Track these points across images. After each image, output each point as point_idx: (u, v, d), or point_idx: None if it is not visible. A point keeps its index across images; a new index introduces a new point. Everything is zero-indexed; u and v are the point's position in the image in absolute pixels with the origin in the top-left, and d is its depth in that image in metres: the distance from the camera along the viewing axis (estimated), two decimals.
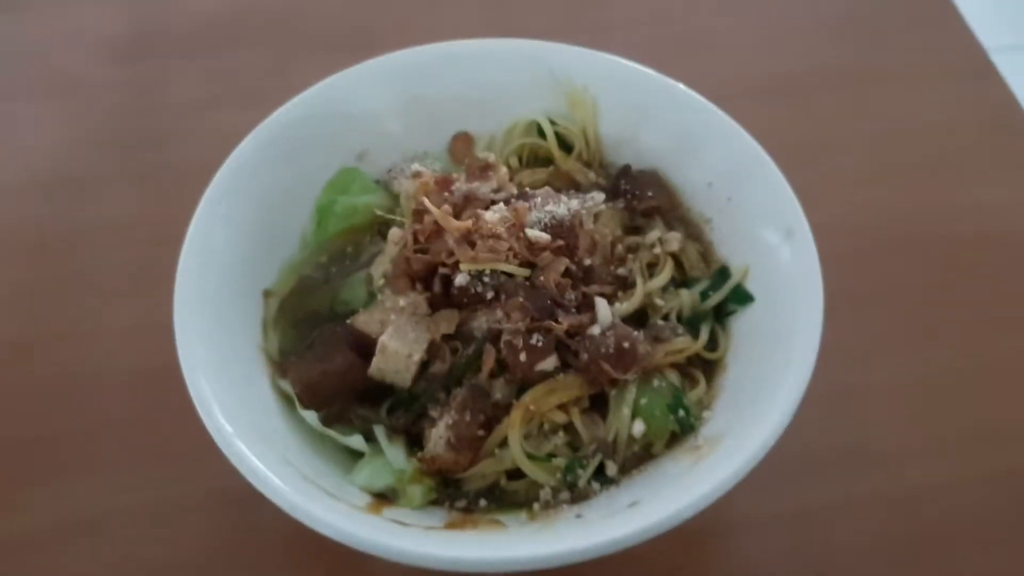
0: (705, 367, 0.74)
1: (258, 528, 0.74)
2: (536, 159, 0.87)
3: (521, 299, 0.69)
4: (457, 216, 0.73)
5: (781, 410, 0.63)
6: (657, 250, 0.78)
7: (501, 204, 0.74)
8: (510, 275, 0.70)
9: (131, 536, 0.74)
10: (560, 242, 0.72)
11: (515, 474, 0.68)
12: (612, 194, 0.82)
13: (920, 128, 1.06)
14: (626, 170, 0.83)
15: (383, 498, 0.65)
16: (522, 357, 0.68)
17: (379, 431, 0.69)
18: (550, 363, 0.69)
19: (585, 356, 0.68)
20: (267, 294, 0.75)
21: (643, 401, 0.69)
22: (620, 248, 0.78)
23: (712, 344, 0.75)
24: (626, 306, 0.73)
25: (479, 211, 0.73)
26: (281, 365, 0.72)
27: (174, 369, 0.65)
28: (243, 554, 0.74)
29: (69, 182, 0.98)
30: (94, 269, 0.90)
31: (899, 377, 0.85)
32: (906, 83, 1.10)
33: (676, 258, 0.79)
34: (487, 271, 0.70)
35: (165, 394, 0.73)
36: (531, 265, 0.71)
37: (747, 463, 0.61)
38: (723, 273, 0.78)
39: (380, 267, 0.75)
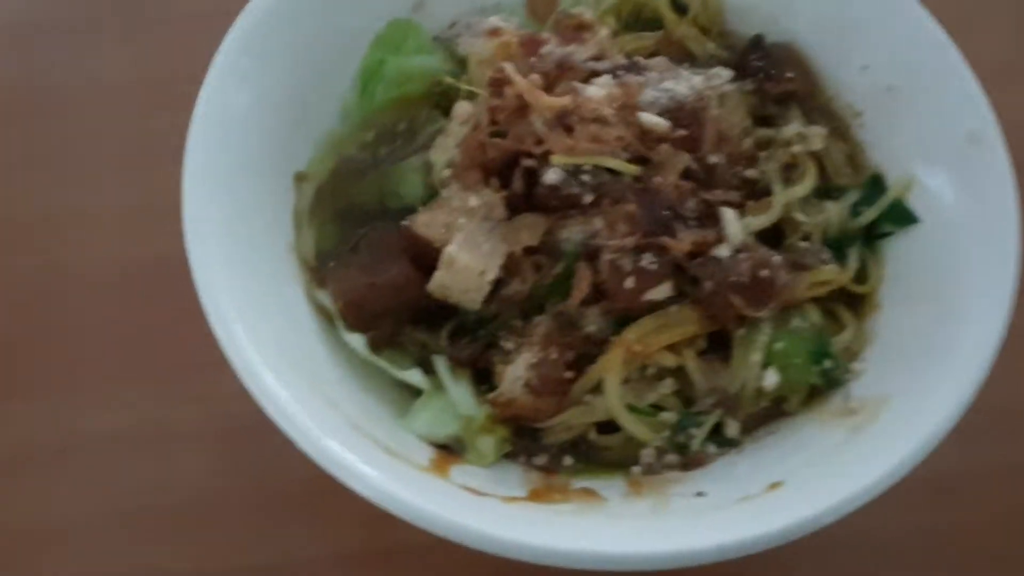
0: (852, 304, 0.59)
1: (273, 464, 0.60)
2: (638, 22, 0.68)
3: (632, 206, 0.53)
4: (548, 89, 0.56)
5: (968, 369, 0.49)
6: (796, 148, 0.61)
7: (606, 76, 0.56)
8: (615, 173, 0.54)
9: (112, 469, 0.62)
10: (682, 132, 0.56)
11: (608, 427, 0.54)
12: (739, 72, 0.64)
13: None
14: (758, 42, 0.65)
15: (447, 451, 0.52)
16: (628, 283, 0.52)
17: (440, 363, 0.55)
18: (663, 291, 0.53)
19: (709, 285, 0.53)
20: (300, 178, 0.59)
21: (779, 345, 0.54)
22: (749, 143, 0.61)
23: (859, 276, 0.59)
24: (760, 220, 0.57)
25: (577, 84, 0.56)
26: (318, 271, 0.57)
27: (173, 264, 0.51)
28: (252, 497, 0.61)
29: (47, 31, 0.79)
30: (77, 139, 0.74)
31: None
32: None
33: (818, 160, 0.62)
34: (586, 166, 0.53)
35: (162, 295, 0.61)
36: (642, 161, 0.55)
37: (929, 438, 0.47)
38: (877, 183, 0.62)
39: (443, 152, 0.59)
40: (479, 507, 0.46)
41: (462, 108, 0.59)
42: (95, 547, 0.59)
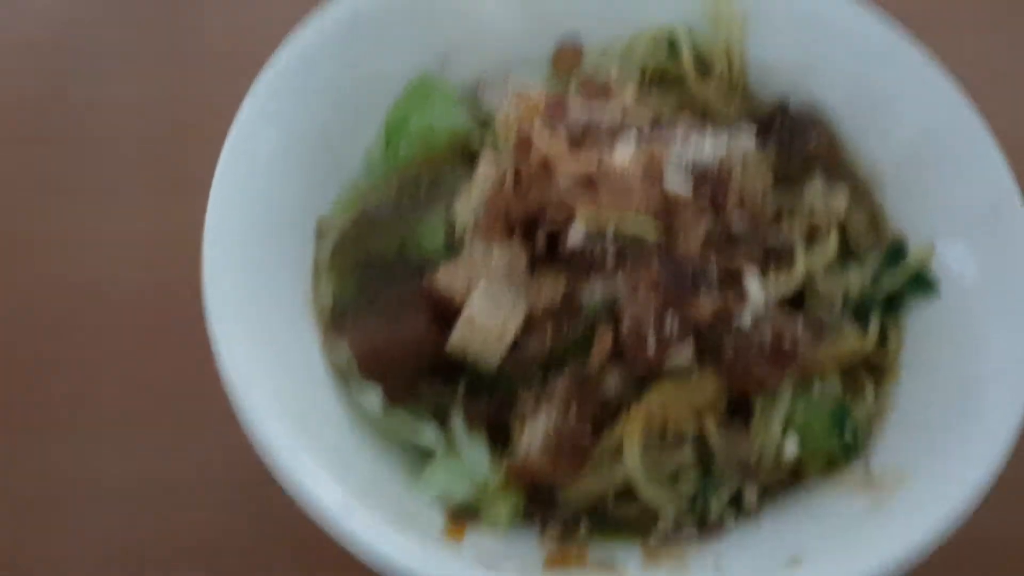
0: (871, 372, 0.58)
1: (275, 520, 0.59)
2: (662, 82, 0.68)
3: (654, 269, 0.53)
4: (573, 151, 0.56)
5: (996, 440, 0.49)
6: (818, 211, 0.61)
7: (632, 137, 0.56)
8: (637, 237, 0.54)
9: (111, 514, 0.61)
10: (705, 196, 0.55)
11: (624, 494, 0.53)
12: (762, 134, 0.64)
13: None
14: (784, 106, 0.65)
15: (461, 515, 0.51)
16: (650, 345, 0.52)
17: (457, 422, 0.54)
18: (685, 356, 0.53)
19: (731, 352, 0.53)
20: (322, 225, 0.59)
21: (799, 413, 0.53)
22: (771, 206, 0.61)
23: (879, 343, 0.59)
24: (783, 286, 0.56)
25: (603, 148, 0.56)
26: (336, 323, 0.56)
27: (190, 302, 0.50)
28: (251, 550, 0.59)
29: (81, 60, 0.79)
30: (103, 168, 0.73)
31: None
32: None
33: (839, 225, 0.62)
34: (610, 228, 0.53)
35: (176, 333, 0.59)
36: (665, 224, 0.55)
37: (954, 513, 0.46)
38: (898, 250, 0.61)
39: (467, 205, 0.59)
40: None
41: (487, 166, 0.58)
42: None
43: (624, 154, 0.55)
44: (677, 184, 0.55)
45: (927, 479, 0.49)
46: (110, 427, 0.63)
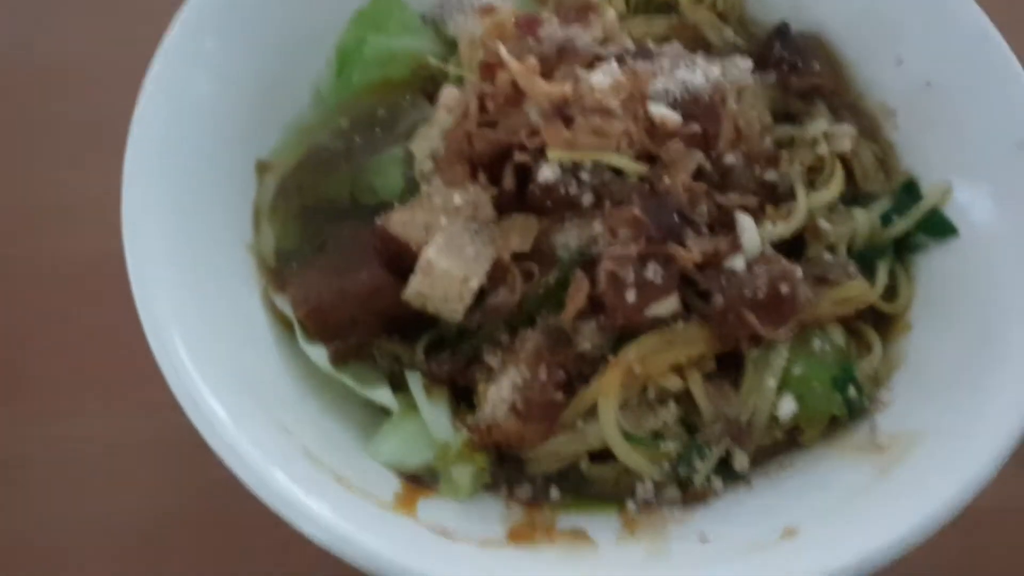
0: (879, 324, 0.53)
1: (224, 486, 0.54)
2: (649, 4, 0.62)
3: (636, 210, 0.47)
4: (547, 76, 0.50)
5: (1013, 399, 0.44)
6: (821, 149, 0.56)
7: (612, 63, 0.50)
8: (619, 172, 0.49)
9: (60, 487, 0.57)
10: (695, 127, 0.50)
11: (601, 455, 0.48)
12: (760, 62, 0.58)
13: None
14: (783, 31, 0.59)
15: (416, 482, 0.46)
16: (629, 295, 0.47)
17: (414, 380, 0.49)
18: (668, 306, 0.48)
19: (721, 300, 0.47)
20: (262, 167, 0.54)
21: (797, 369, 0.49)
22: (769, 142, 0.55)
23: (888, 292, 0.54)
24: (781, 228, 0.51)
25: (579, 71, 0.50)
26: (278, 274, 0.51)
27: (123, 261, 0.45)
28: (201, 520, 0.56)
29: None
30: (24, 119, 0.68)
31: None
32: None
33: (845, 163, 0.56)
34: (587, 163, 0.48)
35: (112, 295, 0.53)
36: (650, 159, 0.49)
37: (970, 484, 0.41)
38: (911, 190, 0.56)
39: (426, 143, 0.53)
40: (448, 553, 0.40)
41: (449, 94, 0.53)
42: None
43: (603, 80, 0.49)
44: (663, 112, 0.48)
45: (940, 443, 0.44)
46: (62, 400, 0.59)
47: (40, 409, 0.59)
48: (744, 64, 0.55)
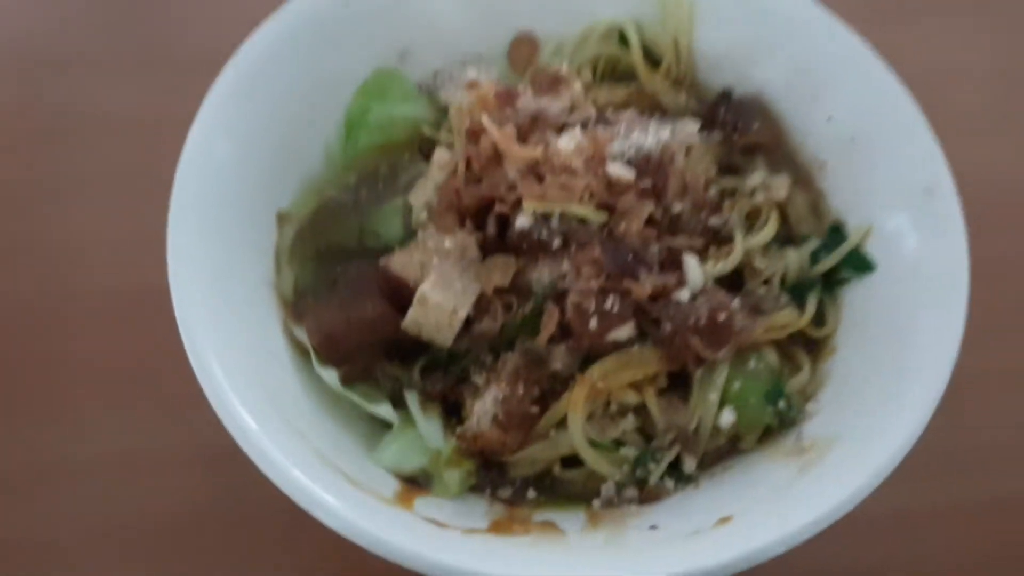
0: (809, 347, 0.61)
1: (249, 492, 0.61)
2: (613, 73, 0.71)
3: (596, 252, 0.56)
4: (522, 140, 0.59)
5: (916, 411, 0.52)
6: (759, 197, 0.64)
7: (576, 129, 0.59)
8: (583, 220, 0.57)
9: (107, 492, 0.64)
10: (647, 182, 0.59)
11: (571, 461, 0.57)
12: (707, 123, 0.67)
13: None
14: (727, 95, 0.68)
15: (413, 484, 0.54)
16: (592, 323, 0.55)
17: (411, 398, 0.57)
18: (625, 332, 0.56)
19: (669, 327, 0.56)
20: (282, 218, 0.62)
21: (735, 386, 0.57)
22: (713, 192, 0.64)
23: (817, 320, 0.62)
24: (721, 266, 0.59)
25: (549, 136, 0.59)
26: (296, 307, 0.59)
27: (164, 294, 0.53)
28: (230, 522, 0.63)
29: (52, 65, 0.82)
30: (76, 169, 0.76)
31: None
32: None
33: (781, 209, 0.65)
34: (556, 213, 0.56)
35: (151, 324, 0.62)
36: (608, 209, 0.58)
37: (873, 477, 0.49)
38: (837, 231, 0.64)
39: (421, 195, 0.62)
40: (439, 538, 0.48)
41: (441, 155, 0.62)
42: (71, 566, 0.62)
43: (569, 143, 0.58)
44: (619, 170, 0.57)
45: (853, 444, 0.52)
46: (91, 413, 0.67)
47: (89, 423, 0.66)
48: (692, 126, 0.64)
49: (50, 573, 0.62)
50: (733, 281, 0.61)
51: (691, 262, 0.58)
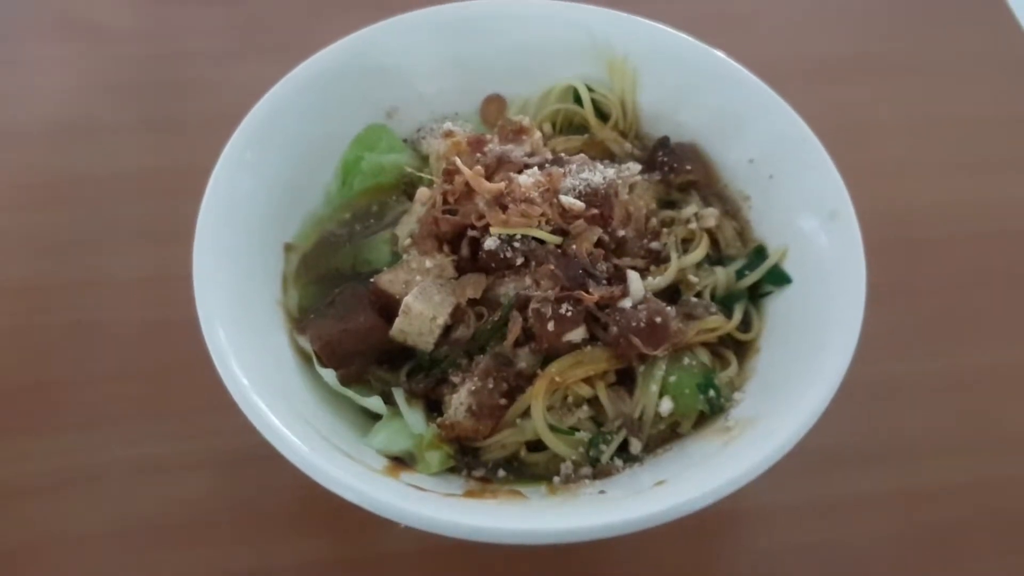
0: (737, 348, 0.71)
1: (267, 491, 0.72)
2: (571, 126, 0.84)
3: (552, 267, 0.67)
4: (489, 178, 0.70)
5: (817, 396, 0.61)
6: (693, 225, 0.76)
7: (535, 168, 0.71)
8: (541, 241, 0.68)
9: (132, 492, 0.72)
10: (594, 210, 0.70)
11: (536, 446, 0.66)
12: (648, 166, 0.79)
13: (964, 120, 1.02)
14: (664, 142, 0.80)
15: (400, 462, 0.63)
16: (550, 326, 0.65)
17: (398, 394, 0.67)
18: (578, 334, 0.66)
19: (615, 329, 0.66)
20: (288, 248, 0.73)
21: (672, 379, 0.66)
22: (654, 222, 0.75)
23: (745, 325, 0.72)
24: (659, 281, 0.70)
25: (512, 174, 0.71)
26: (300, 322, 0.69)
27: (186, 323, 0.62)
28: (250, 517, 0.71)
29: (85, 130, 0.94)
30: (109, 218, 0.87)
31: (928, 374, 0.83)
32: (954, 75, 1.06)
33: (712, 235, 0.76)
34: (518, 236, 0.68)
35: (175, 348, 0.72)
36: (563, 233, 0.69)
37: (780, 448, 0.58)
38: (760, 253, 0.75)
39: (406, 227, 0.73)
40: (422, 498, 0.57)
41: (422, 192, 0.73)
42: (111, 558, 0.70)
43: (528, 179, 0.69)
44: (570, 200, 0.69)
45: (767, 422, 0.62)
46: (121, 429, 0.76)
47: (122, 430, 0.75)
48: (634, 167, 0.76)
49: (77, 570, 0.70)
50: (671, 294, 0.72)
51: (634, 276, 0.69)
